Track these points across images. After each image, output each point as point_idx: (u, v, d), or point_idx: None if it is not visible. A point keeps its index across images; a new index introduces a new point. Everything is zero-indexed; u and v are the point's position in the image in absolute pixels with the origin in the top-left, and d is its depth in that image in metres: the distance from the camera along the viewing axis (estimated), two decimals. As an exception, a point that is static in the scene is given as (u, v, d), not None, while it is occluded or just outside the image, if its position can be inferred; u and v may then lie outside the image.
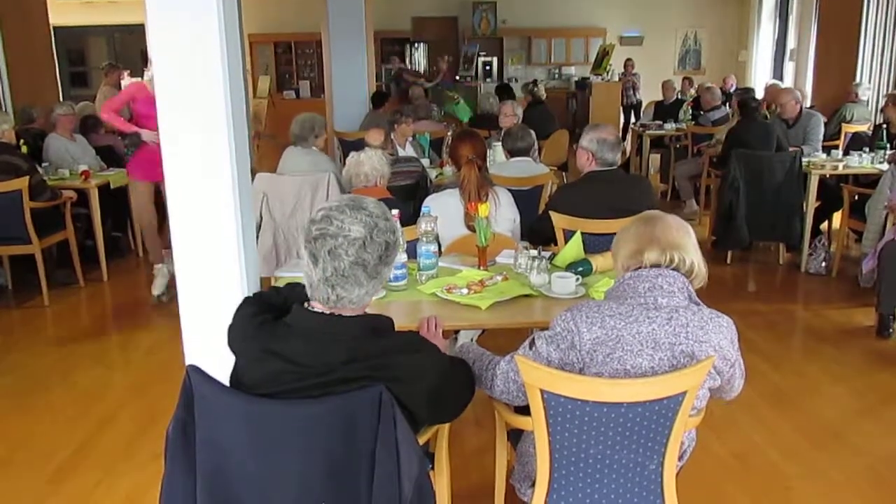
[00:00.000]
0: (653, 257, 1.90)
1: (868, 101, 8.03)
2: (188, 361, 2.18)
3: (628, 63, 13.20)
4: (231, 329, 1.72)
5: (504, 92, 9.16)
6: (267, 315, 1.68)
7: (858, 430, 3.34)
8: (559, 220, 3.42)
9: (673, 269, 1.88)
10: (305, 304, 1.66)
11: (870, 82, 8.21)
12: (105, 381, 3.98)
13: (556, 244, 3.44)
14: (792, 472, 3.00)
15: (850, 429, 3.36)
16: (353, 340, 1.60)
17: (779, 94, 6.63)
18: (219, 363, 1.70)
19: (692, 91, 10.40)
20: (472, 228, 3.12)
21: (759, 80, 12.73)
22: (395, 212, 2.64)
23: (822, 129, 6.41)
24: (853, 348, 4.29)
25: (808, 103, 8.61)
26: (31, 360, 4.29)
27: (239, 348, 1.68)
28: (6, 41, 7.31)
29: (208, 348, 1.74)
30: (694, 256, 1.91)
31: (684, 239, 1.92)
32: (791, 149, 5.79)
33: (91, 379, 3.99)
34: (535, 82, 9.52)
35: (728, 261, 5.89)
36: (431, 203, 3.28)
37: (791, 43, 12.03)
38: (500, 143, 5.06)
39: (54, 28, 8.69)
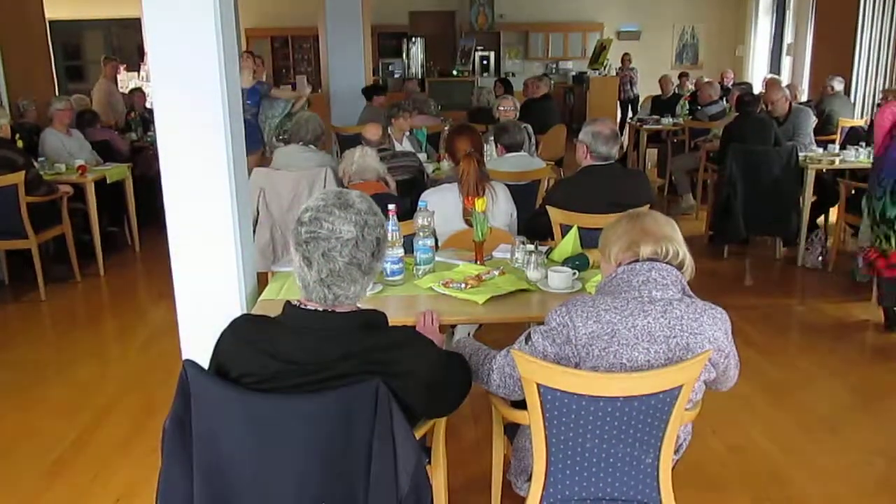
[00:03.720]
0: (648, 250, 1.91)
1: (853, 94, 8.04)
2: (184, 356, 2.18)
3: (625, 58, 13.19)
4: (223, 340, 1.69)
5: (505, 85, 9.14)
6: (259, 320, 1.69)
7: (854, 424, 3.36)
8: (556, 215, 3.42)
9: (665, 263, 1.90)
10: (297, 302, 1.66)
11: (866, 77, 8.22)
12: (102, 376, 3.98)
13: (552, 239, 3.44)
14: (788, 465, 3.02)
15: (846, 422, 3.37)
16: (349, 336, 1.60)
17: (769, 92, 6.62)
18: (215, 358, 1.70)
19: (689, 86, 10.40)
20: (470, 223, 3.13)
21: (757, 74, 12.74)
22: (392, 206, 2.66)
23: (812, 124, 6.41)
24: (849, 342, 4.30)
25: (805, 98, 8.63)
26: (28, 355, 4.29)
27: (233, 356, 1.64)
28: (2, 35, 7.28)
29: (204, 343, 1.74)
30: (684, 248, 1.94)
31: (672, 232, 1.96)
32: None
33: (88, 373, 3.99)
34: (547, 76, 9.51)
35: (725, 255, 5.90)
36: (429, 198, 3.27)
37: (788, 38, 12.04)
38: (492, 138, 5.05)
39: (50, 22, 8.64)
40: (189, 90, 2.43)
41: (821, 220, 6.10)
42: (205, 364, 1.66)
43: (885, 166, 3.72)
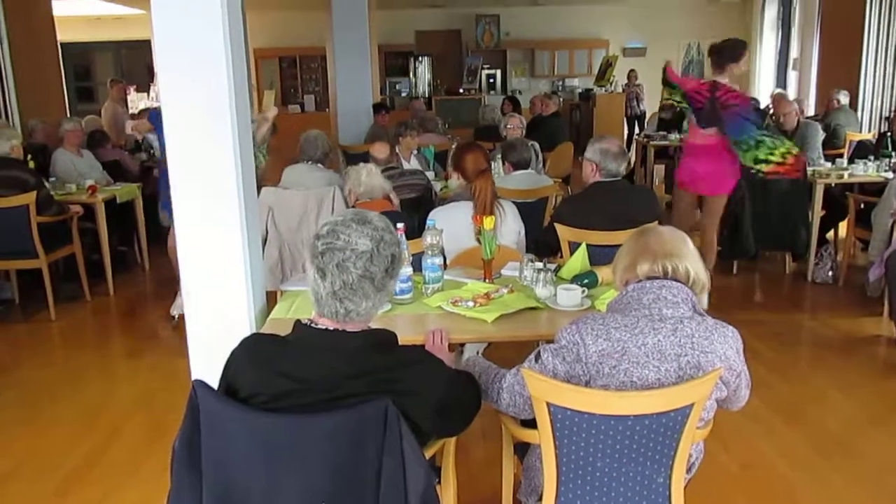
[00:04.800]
0: (645, 268, 1.91)
1: (860, 108, 8.04)
2: (194, 376, 2.18)
3: (631, 74, 13.23)
4: (233, 359, 1.70)
5: (513, 103, 9.19)
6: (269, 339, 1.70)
7: (867, 440, 3.32)
8: (564, 232, 3.42)
9: (672, 279, 1.89)
10: (308, 321, 1.67)
11: (873, 90, 8.21)
12: (111, 395, 3.98)
13: (561, 256, 3.44)
14: (800, 482, 2.99)
15: (859, 438, 3.34)
16: (358, 356, 1.60)
17: (780, 105, 6.63)
18: (225, 378, 1.70)
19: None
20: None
21: (763, 89, 12.75)
22: (400, 225, 2.66)
23: (820, 139, 6.41)
24: (860, 357, 4.27)
25: (811, 112, 8.63)
26: (38, 374, 4.30)
27: (243, 375, 1.65)
28: (14, 57, 7.36)
29: (214, 362, 1.74)
30: (691, 264, 1.92)
31: (679, 248, 1.93)
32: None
33: (97, 392, 3.99)
34: (556, 93, 9.57)
35: (734, 271, 5.87)
36: (438, 215, 3.29)
37: (794, 52, 12.05)
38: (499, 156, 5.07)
39: (62, 44, 8.75)
40: (198, 111, 2.45)
41: (830, 234, 6.07)
42: (214, 383, 1.66)
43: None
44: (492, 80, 14.96)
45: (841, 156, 6.49)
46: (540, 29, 14.87)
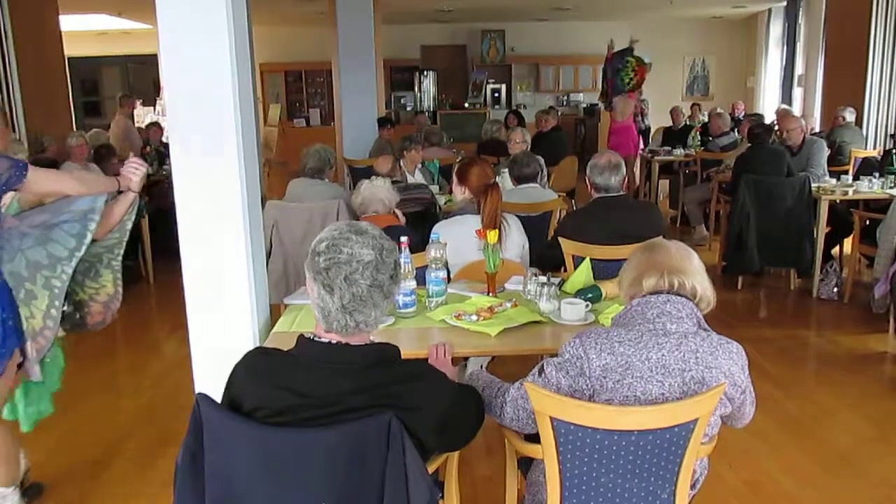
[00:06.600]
0: (650, 283, 1.90)
1: (865, 124, 8.05)
2: (197, 389, 2.18)
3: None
4: (236, 373, 1.70)
5: (518, 117, 9.21)
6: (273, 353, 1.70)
7: (873, 458, 3.30)
8: (568, 246, 3.42)
9: (677, 295, 1.88)
10: (311, 335, 1.66)
11: (878, 107, 8.21)
12: (114, 409, 3.98)
13: (565, 270, 3.43)
14: (806, 501, 2.96)
15: (865, 456, 3.31)
16: (360, 370, 1.60)
17: (785, 121, 6.63)
18: (228, 391, 1.70)
19: (701, 117, 10.42)
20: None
21: (768, 105, 12.77)
22: (404, 238, 2.67)
23: (825, 155, 6.40)
24: (866, 374, 4.24)
25: (817, 128, 8.63)
26: (42, 388, 4.29)
27: (246, 389, 1.65)
28: (21, 71, 7.41)
29: (218, 376, 1.74)
30: (697, 280, 1.91)
31: (685, 263, 1.92)
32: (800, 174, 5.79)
33: (100, 406, 3.99)
34: (554, 108, 9.66)
35: (739, 286, 5.86)
36: (443, 229, 3.28)
37: (799, 69, 12.06)
38: (506, 170, 5.08)
39: (69, 59, 8.82)
40: (204, 124, 2.47)
41: (835, 250, 6.06)
42: (218, 397, 1.66)
43: None
44: (497, 95, 15.03)
45: (846, 172, 6.47)
46: (545, 44, 14.94)
